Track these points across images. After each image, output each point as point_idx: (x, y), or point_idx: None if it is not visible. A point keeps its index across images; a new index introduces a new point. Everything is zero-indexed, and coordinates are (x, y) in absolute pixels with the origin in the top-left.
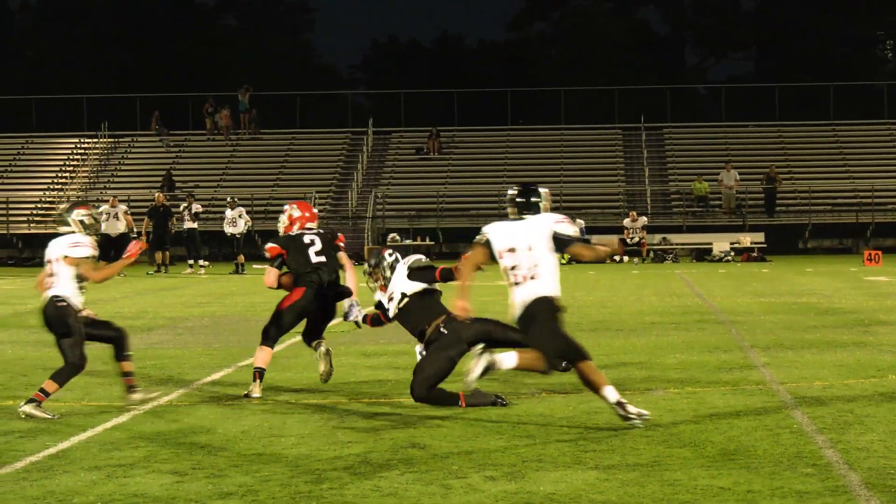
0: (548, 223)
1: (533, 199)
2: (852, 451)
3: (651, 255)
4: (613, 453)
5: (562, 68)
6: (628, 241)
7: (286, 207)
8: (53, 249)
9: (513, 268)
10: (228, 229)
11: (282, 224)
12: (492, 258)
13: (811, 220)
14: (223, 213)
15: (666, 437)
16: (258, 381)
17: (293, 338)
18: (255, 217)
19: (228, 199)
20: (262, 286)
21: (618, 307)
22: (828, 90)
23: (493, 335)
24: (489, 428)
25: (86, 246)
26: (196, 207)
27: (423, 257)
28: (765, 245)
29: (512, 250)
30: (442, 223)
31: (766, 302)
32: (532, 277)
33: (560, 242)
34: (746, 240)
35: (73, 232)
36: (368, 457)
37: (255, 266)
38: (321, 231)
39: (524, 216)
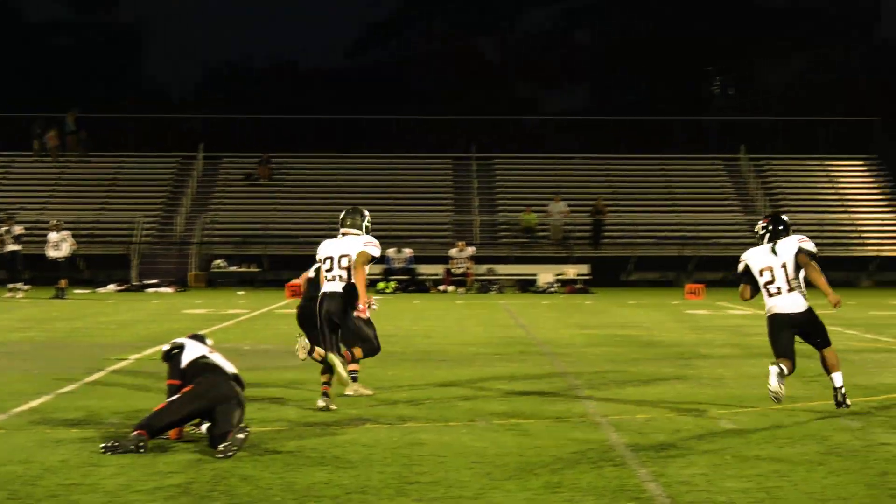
0: None
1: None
2: (674, 485)
3: (476, 285)
4: (438, 486)
5: (397, 97)
6: (454, 270)
7: None
8: None
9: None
10: (51, 253)
11: None
12: None
13: (635, 252)
14: (47, 235)
15: (490, 469)
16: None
17: (118, 364)
18: (81, 241)
19: (52, 222)
20: (84, 311)
21: (443, 337)
22: (657, 124)
23: None
24: (312, 459)
25: None
26: (17, 230)
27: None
28: (590, 277)
29: None
30: (268, 249)
31: (589, 334)
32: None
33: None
34: (571, 271)
35: None
36: (189, 487)
37: (75, 291)
38: None
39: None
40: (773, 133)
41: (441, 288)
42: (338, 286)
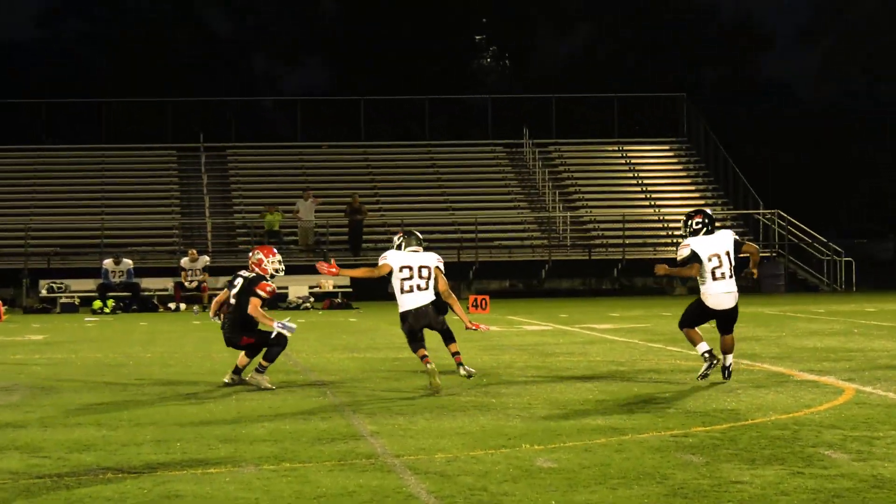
0: None
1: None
2: None
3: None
4: None
5: (104, 76)
6: (186, 284)
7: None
8: None
9: None
10: None
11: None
12: None
13: None
14: None
15: None
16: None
17: None
18: None
19: None
20: None
21: (184, 366)
22: (422, 105)
23: None
24: None
25: None
26: None
27: None
28: (350, 290)
29: None
30: None
31: (361, 358)
32: None
33: None
34: (329, 283)
35: None
36: None
37: None
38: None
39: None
40: (562, 113)
41: (171, 306)
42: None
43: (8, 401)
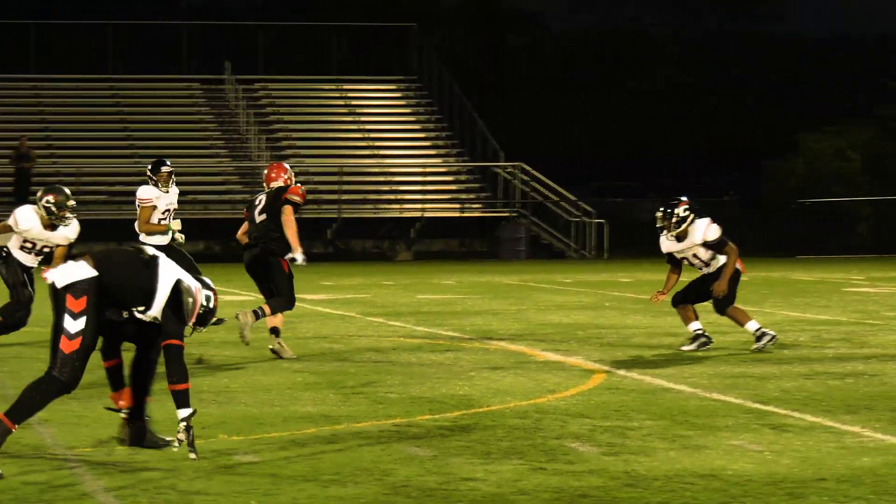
0: None
1: None
2: None
3: None
4: None
5: None
6: None
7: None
8: None
9: None
10: None
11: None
12: None
13: (88, 216)
14: None
15: None
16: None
17: None
18: None
19: None
20: None
21: None
22: (103, 31)
23: None
24: None
25: None
26: None
27: None
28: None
29: None
30: None
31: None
32: None
33: None
34: None
35: None
36: None
37: None
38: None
39: None
40: (271, 45)
41: None
42: None
43: None
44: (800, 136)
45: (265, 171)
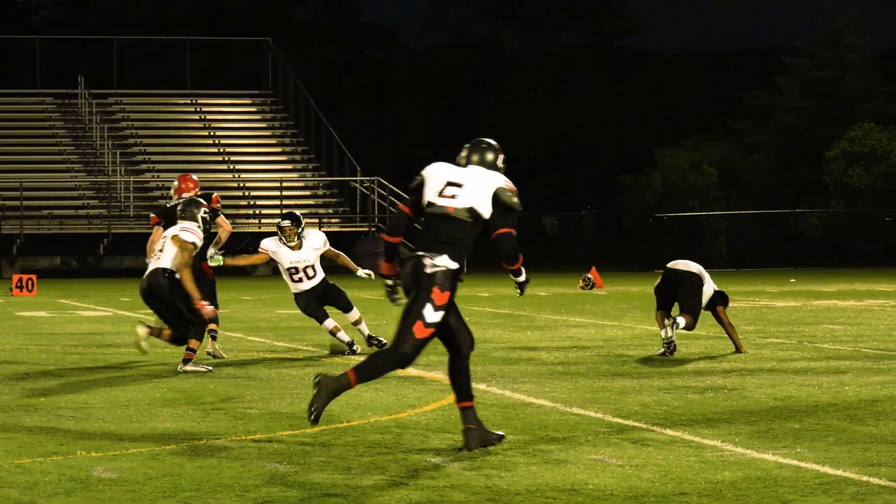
0: None
1: None
2: None
3: None
4: None
5: None
6: None
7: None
8: None
9: None
10: None
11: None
12: None
13: None
14: None
15: None
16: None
17: None
18: None
19: None
20: None
21: None
22: None
23: None
24: None
25: None
26: None
27: None
28: None
29: None
30: None
31: None
32: None
33: None
34: None
35: None
36: None
37: None
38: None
39: None
40: (125, 60)
41: None
42: None
43: None
44: (656, 150)
45: (175, 183)
